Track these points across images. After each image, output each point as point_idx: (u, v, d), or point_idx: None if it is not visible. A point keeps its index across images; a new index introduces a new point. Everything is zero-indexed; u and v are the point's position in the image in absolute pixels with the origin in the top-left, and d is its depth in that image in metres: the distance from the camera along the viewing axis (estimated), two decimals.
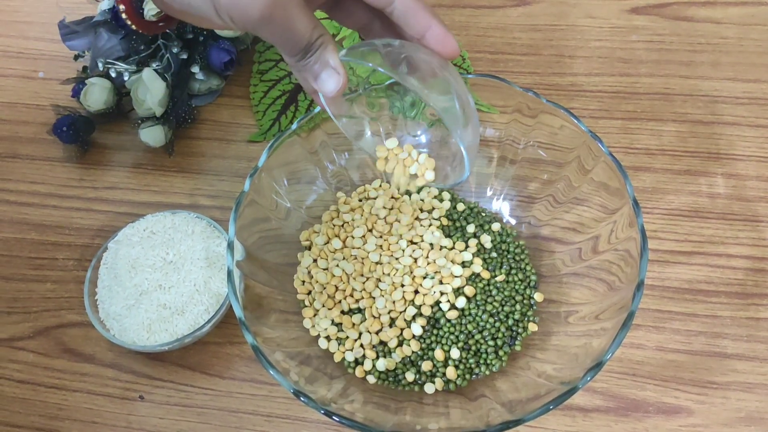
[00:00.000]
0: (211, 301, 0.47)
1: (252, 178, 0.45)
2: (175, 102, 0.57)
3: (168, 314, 0.47)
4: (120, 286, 0.48)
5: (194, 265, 0.48)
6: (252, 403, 0.47)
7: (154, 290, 0.47)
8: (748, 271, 0.51)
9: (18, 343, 0.51)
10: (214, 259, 0.49)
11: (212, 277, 0.48)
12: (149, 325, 0.46)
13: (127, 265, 0.48)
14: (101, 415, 0.47)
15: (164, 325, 0.46)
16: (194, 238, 0.50)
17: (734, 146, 0.57)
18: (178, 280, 0.48)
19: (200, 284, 0.48)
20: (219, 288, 0.48)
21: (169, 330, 0.46)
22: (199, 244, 0.49)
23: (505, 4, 0.69)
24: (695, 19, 0.66)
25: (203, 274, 0.48)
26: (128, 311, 0.47)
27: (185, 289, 0.47)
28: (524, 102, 0.48)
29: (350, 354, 0.46)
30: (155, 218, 0.51)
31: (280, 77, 0.61)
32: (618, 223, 0.44)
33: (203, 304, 0.47)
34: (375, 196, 0.53)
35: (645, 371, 0.47)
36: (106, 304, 0.48)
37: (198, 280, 0.48)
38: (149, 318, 0.47)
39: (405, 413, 0.43)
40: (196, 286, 0.47)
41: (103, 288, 0.49)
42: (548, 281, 0.49)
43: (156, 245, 0.49)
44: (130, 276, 0.48)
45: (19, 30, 0.70)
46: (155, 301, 0.47)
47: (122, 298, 0.47)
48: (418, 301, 0.47)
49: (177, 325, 0.47)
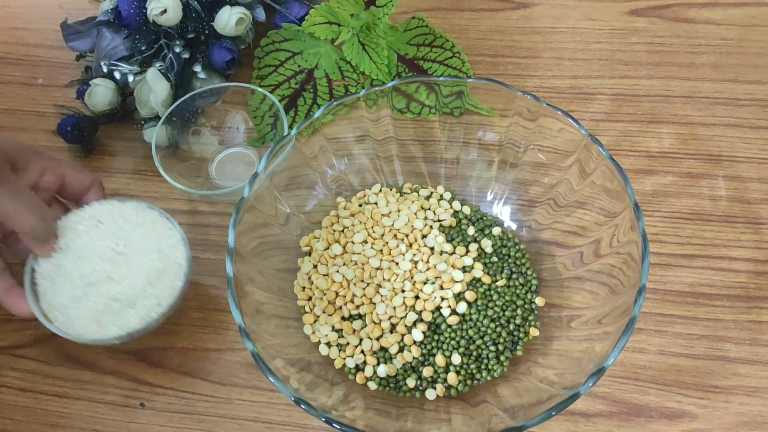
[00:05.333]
0: (164, 294, 0.45)
1: (251, 184, 0.45)
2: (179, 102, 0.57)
3: (118, 307, 0.44)
4: (65, 277, 0.45)
5: (146, 257, 0.45)
6: (253, 410, 0.47)
7: (104, 282, 0.44)
8: (750, 274, 0.51)
9: (19, 350, 0.51)
10: (166, 251, 0.46)
11: (165, 269, 0.46)
12: (98, 318, 0.44)
13: (72, 255, 0.45)
14: (102, 423, 0.47)
15: (114, 318, 0.44)
16: (145, 229, 0.47)
17: (735, 148, 0.57)
18: (129, 272, 0.45)
19: (153, 277, 0.45)
20: (172, 281, 0.46)
21: (120, 323, 0.44)
22: (151, 234, 0.47)
23: (504, 7, 0.69)
24: (695, 20, 0.66)
25: (156, 267, 0.45)
26: (75, 303, 0.44)
27: (137, 281, 0.45)
28: (524, 105, 0.48)
29: (351, 360, 0.46)
30: (102, 207, 0.48)
31: (279, 82, 0.61)
32: (619, 226, 0.44)
33: (155, 297, 0.45)
34: (375, 201, 0.53)
35: (647, 375, 0.47)
36: (49, 295, 0.45)
37: (150, 273, 0.45)
38: (97, 310, 0.44)
39: (406, 420, 0.43)
40: (149, 278, 0.45)
41: (44, 278, 0.45)
42: (549, 285, 0.49)
43: (104, 235, 0.46)
44: (77, 266, 0.45)
45: (18, 37, 0.70)
46: (105, 294, 0.44)
47: (68, 289, 0.45)
48: (419, 307, 0.47)
49: (128, 318, 0.44)
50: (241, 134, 0.60)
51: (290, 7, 0.63)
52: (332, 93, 0.60)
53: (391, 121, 0.52)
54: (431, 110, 0.54)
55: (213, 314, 0.51)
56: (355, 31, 0.59)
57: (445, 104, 0.52)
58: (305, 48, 0.62)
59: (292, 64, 0.61)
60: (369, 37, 0.59)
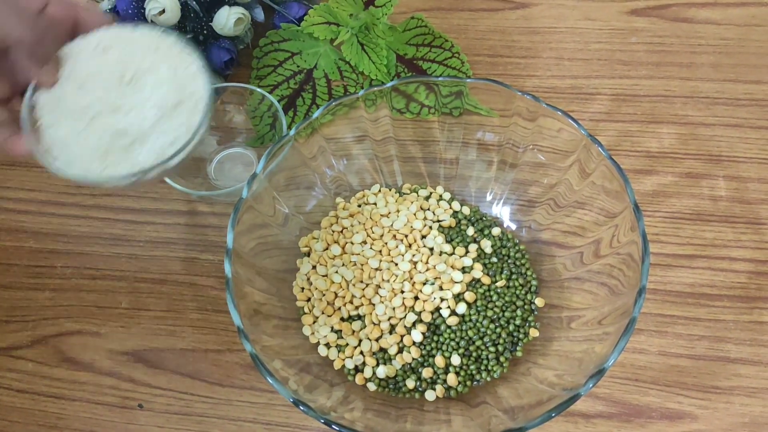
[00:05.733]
0: (180, 130, 0.39)
1: (250, 184, 0.45)
2: None
3: (127, 143, 0.39)
4: (66, 110, 0.40)
5: (159, 87, 0.40)
6: (252, 411, 0.47)
7: (109, 113, 0.39)
8: (751, 275, 0.51)
9: (16, 352, 0.51)
10: (183, 81, 0.40)
11: (182, 102, 0.40)
12: (104, 155, 0.39)
13: (74, 84, 0.40)
14: (100, 424, 0.47)
15: (123, 155, 0.39)
16: (159, 56, 0.41)
17: (736, 148, 0.57)
18: (139, 103, 0.39)
19: (167, 109, 0.40)
20: (189, 115, 0.40)
21: (129, 161, 0.39)
22: (165, 63, 0.41)
23: (503, 7, 0.68)
24: (695, 20, 0.66)
25: (170, 98, 0.40)
26: (77, 137, 0.39)
27: (148, 113, 0.39)
28: (523, 105, 0.48)
29: (350, 361, 0.46)
30: (109, 32, 0.42)
31: (278, 82, 0.61)
32: (619, 226, 0.44)
33: (170, 133, 0.39)
34: (374, 202, 0.53)
35: (648, 376, 0.47)
36: (50, 131, 0.40)
37: (164, 105, 0.39)
38: (103, 146, 0.39)
39: (406, 421, 0.43)
40: (162, 111, 0.39)
41: (44, 113, 0.40)
42: (549, 286, 0.49)
43: (111, 62, 0.40)
44: (79, 97, 0.40)
45: None
46: (110, 127, 0.39)
47: (69, 122, 0.40)
48: (418, 308, 0.47)
49: (138, 155, 0.39)
50: (239, 134, 0.59)
51: (289, 7, 0.63)
52: (331, 93, 0.60)
53: (391, 122, 0.52)
54: (430, 110, 0.53)
55: (211, 315, 0.51)
56: (354, 31, 0.58)
57: (444, 104, 0.52)
58: (304, 48, 0.61)
59: (291, 64, 0.61)
60: (368, 37, 0.59)
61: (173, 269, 0.53)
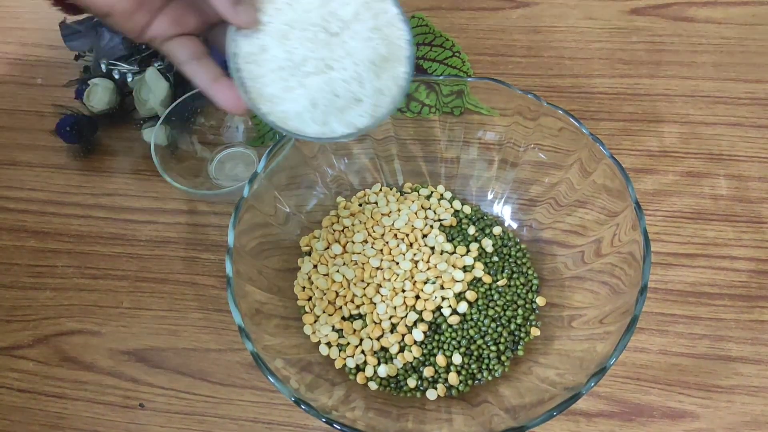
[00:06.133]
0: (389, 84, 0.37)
1: (251, 183, 0.45)
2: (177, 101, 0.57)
3: (342, 104, 0.36)
4: (272, 63, 0.36)
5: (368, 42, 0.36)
6: (253, 410, 0.47)
7: (322, 72, 0.36)
8: (751, 273, 0.51)
9: (18, 351, 0.51)
10: (386, 31, 0.36)
11: (389, 55, 0.36)
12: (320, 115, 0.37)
13: (276, 34, 0.36)
14: (102, 424, 0.47)
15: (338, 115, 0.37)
16: (357, 4, 0.36)
17: (736, 147, 0.57)
18: (350, 60, 0.36)
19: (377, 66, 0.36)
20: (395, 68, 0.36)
21: (344, 121, 0.37)
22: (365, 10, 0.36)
23: (504, 6, 0.68)
24: (696, 19, 0.66)
25: (379, 52, 0.36)
26: (289, 94, 0.36)
27: (362, 72, 0.36)
28: (524, 104, 0.48)
29: (351, 360, 0.46)
30: None
31: None
32: (620, 225, 0.44)
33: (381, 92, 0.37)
34: (375, 201, 0.53)
35: (649, 375, 0.47)
36: (257, 84, 0.36)
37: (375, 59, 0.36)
38: (319, 107, 0.36)
39: (407, 420, 0.43)
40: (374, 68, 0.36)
41: (248, 62, 0.36)
42: (550, 285, 0.49)
43: (311, 9, 0.36)
44: (285, 50, 0.36)
45: (17, 36, 0.70)
46: (325, 87, 0.36)
47: (279, 79, 0.36)
48: (420, 307, 0.47)
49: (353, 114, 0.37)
50: (240, 134, 0.59)
51: None
52: None
53: (391, 121, 0.52)
54: (431, 109, 0.53)
55: (213, 314, 0.51)
56: None
57: (445, 103, 0.52)
58: None
59: None
60: None
61: (174, 268, 0.53)
